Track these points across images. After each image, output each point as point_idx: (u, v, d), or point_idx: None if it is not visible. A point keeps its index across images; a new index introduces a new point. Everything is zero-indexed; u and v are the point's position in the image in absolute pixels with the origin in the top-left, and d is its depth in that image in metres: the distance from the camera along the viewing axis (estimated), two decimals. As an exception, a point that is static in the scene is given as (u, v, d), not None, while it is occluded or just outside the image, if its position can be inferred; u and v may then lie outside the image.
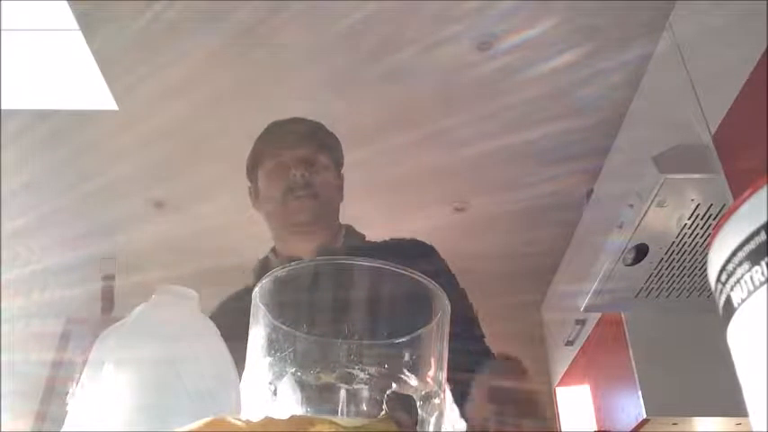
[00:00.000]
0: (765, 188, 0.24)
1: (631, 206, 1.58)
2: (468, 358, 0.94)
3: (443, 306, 0.43)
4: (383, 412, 0.35)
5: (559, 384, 2.68)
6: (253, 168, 1.20)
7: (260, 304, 0.42)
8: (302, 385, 0.38)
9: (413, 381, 0.39)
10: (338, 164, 1.20)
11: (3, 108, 2.02)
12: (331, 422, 0.33)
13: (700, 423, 1.79)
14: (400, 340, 0.40)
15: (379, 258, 1.06)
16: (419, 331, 0.41)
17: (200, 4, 1.75)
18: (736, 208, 0.25)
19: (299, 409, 0.38)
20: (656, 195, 1.49)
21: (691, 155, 1.51)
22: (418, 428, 0.36)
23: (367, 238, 1.18)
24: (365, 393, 0.38)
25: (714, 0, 1.53)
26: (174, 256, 2.57)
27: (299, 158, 1.11)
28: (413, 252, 1.11)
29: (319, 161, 1.13)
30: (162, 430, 0.40)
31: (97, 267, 2.62)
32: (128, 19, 1.77)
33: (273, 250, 1.16)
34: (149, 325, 0.47)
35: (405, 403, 0.36)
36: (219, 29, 1.80)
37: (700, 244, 1.61)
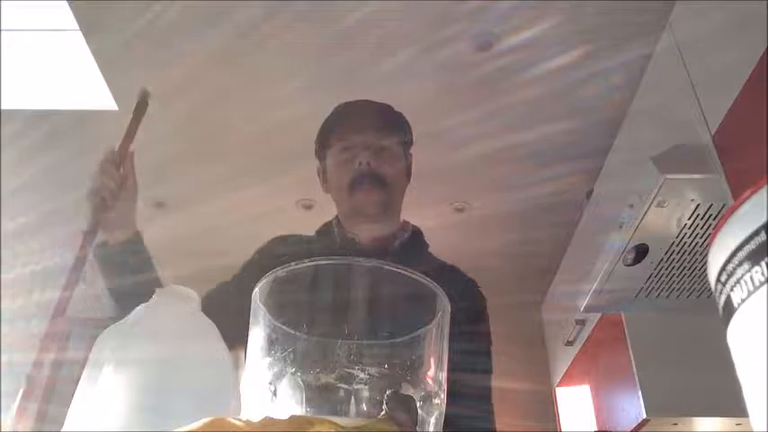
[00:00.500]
0: (765, 188, 0.24)
1: (631, 206, 1.58)
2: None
3: (443, 306, 0.43)
4: (383, 412, 0.35)
5: (559, 384, 2.68)
6: (321, 149, 1.19)
7: (260, 305, 0.42)
8: (302, 385, 0.38)
9: (413, 381, 0.39)
10: (406, 145, 1.20)
11: (3, 108, 2.02)
12: (331, 422, 0.33)
13: (700, 423, 1.79)
14: (400, 340, 0.40)
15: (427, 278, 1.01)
16: (419, 331, 0.41)
17: (200, 4, 1.75)
18: (736, 208, 0.25)
19: (299, 409, 0.38)
20: (656, 195, 1.49)
21: (691, 155, 1.51)
22: (418, 428, 0.36)
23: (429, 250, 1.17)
24: (365, 393, 0.38)
25: (714, 0, 1.53)
26: (174, 256, 2.57)
27: (365, 145, 1.10)
28: (460, 291, 1.07)
29: (386, 147, 1.12)
30: (162, 430, 0.40)
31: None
32: (128, 19, 1.77)
33: (338, 220, 1.16)
34: (149, 325, 0.47)
35: (405, 403, 0.36)
36: (219, 29, 1.80)
37: (700, 244, 1.61)
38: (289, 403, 0.38)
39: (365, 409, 0.37)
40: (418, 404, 0.37)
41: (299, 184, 2.17)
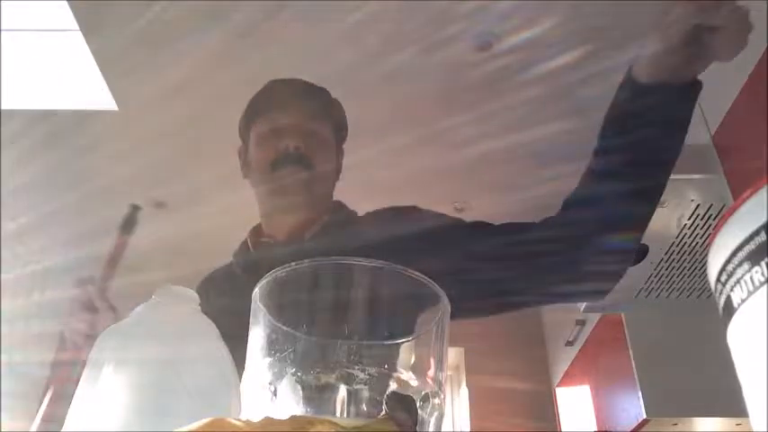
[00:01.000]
0: (765, 188, 0.24)
1: (631, 206, 1.58)
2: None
3: (444, 306, 0.43)
4: (383, 412, 0.35)
5: (559, 384, 2.68)
6: (245, 128, 1.09)
7: (260, 305, 0.42)
8: (302, 385, 0.38)
9: (413, 381, 0.39)
10: (339, 136, 1.08)
11: (3, 108, 2.02)
12: (331, 422, 0.33)
13: (700, 423, 1.79)
14: (400, 340, 0.40)
15: (368, 231, 0.95)
16: (419, 331, 0.41)
17: (200, 4, 1.75)
18: (736, 208, 0.25)
19: (299, 410, 0.38)
20: (656, 195, 1.49)
21: (691, 155, 1.51)
22: (418, 428, 0.36)
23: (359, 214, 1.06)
24: (365, 393, 0.38)
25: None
26: (174, 256, 2.57)
27: (294, 127, 0.99)
28: (396, 218, 1.00)
29: (318, 133, 1.01)
30: (162, 430, 0.40)
31: (98, 266, 2.61)
32: (128, 19, 1.77)
33: (255, 230, 1.06)
34: (149, 325, 0.47)
35: (405, 403, 0.36)
36: (219, 29, 1.80)
37: (700, 244, 1.61)
38: (289, 403, 0.38)
39: (365, 409, 0.37)
40: (418, 404, 0.37)
41: (299, 184, 2.17)
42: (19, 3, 1.75)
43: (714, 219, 1.54)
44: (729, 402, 1.53)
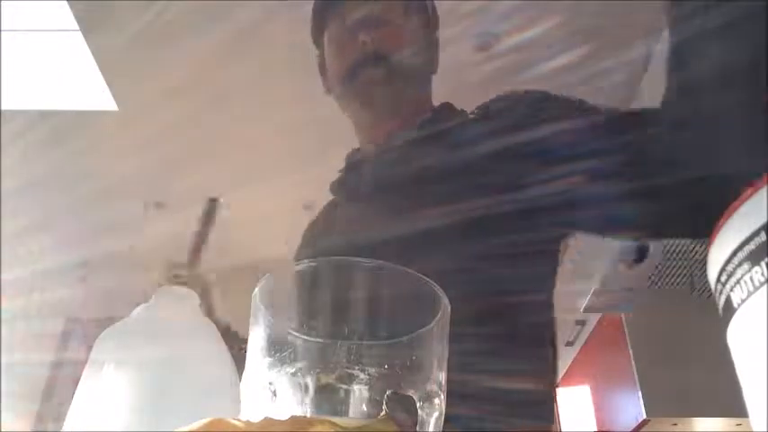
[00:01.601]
0: (765, 188, 0.24)
1: (631, 206, 1.58)
2: None
3: (444, 306, 0.43)
4: (383, 412, 0.35)
5: (559, 384, 2.69)
6: (317, 31, 0.95)
7: (260, 305, 0.42)
8: (302, 385, 0.38)
9: (413, 381, 0.39)
10: (427, 22, 0.93)
11: (3, 108, 2.02)
12: (331, 422, 0.33)
13: (700, 423, 1.79)
14: (400, 340, 0.40)
15: (486, 124, 0.84)
16: (419, 331, 0.41)
17: (200, 4, 1.75)
18: (736, 208, 0.25)
19: (299, 410, 0.38)
20: (656, 195, 1.49)
21: (691, 155, 1.51)
22: (418, 428, 0.36)
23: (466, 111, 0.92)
24: (365, 394, 0.38)
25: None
26: (174, 256, 2.57)
27: (369, 18, 0.83)
28: (525, 108, 0.82)
29: (396, 21, 0.85)
30: (162, 430, 0.40)
31: (98, 266, 2.62)
32: (128, 19, 1.77)
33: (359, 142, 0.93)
34: (149, 325, 0.47)
35: (405, 403, 0.36)
36: (219, 29, 1.80)
37: (700, 244, 1.62)
38: (289, 403, 0.38)
39: (365, 409, 0.37)
40: (418, 404, 0.37)
41: (300, 184, 2.17)
42: (19, 3, 1.75)
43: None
44: (729, 402, 1.53)
